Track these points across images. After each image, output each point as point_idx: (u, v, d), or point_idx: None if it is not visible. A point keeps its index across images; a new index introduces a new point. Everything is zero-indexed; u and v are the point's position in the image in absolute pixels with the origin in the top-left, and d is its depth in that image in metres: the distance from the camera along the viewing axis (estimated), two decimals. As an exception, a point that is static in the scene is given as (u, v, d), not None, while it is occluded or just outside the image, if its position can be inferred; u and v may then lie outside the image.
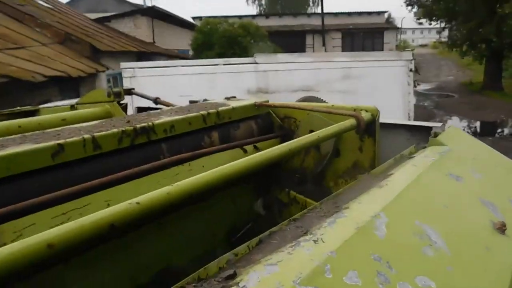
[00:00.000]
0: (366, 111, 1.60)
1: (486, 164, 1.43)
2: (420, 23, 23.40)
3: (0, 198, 1.00)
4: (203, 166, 1.54)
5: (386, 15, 27.92)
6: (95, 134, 1.24)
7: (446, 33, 21.96)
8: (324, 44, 23.57)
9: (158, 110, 1.75)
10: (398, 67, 7.34)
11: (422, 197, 1.00)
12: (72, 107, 3.06)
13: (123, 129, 1.29)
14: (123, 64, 7.65)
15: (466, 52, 19.09)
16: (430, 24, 20.84)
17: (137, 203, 0.76)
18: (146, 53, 15.48)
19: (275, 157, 1.11)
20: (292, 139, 1.76)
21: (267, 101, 1.92)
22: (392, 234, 0.81)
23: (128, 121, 1.41)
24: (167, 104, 2.84)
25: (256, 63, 7.50)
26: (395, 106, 7.25)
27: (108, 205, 1.20)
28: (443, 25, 20.22)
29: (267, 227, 0.88)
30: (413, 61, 7.38)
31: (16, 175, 1.06)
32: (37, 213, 1.00)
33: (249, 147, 1.77)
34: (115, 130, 1.27)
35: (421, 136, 2.02)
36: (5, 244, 0.93)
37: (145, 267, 1.36)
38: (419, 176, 1.08)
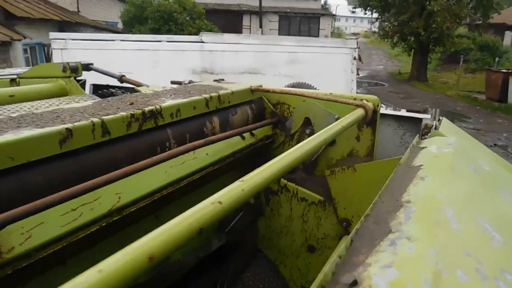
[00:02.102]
0: (367, 101, 1.62)
1: (486, 156, 1.49)
2: (354, 12, 24.36)
3: (2, 193, 0.91)
4: (206, 154, 1.51)
5: (322, 1, 28.60)
6: (104, 118, 1.14)
7: (378, 23, 23.14)
8: (261, 26, 23.59)
9: (151, 90, 1.65)
10: (343, 54, 7.56)
11: (463, 189, 1.03)
12: (13, 81, 2.80)
13: (132, 112, 1.20)
14: (53, 34, 7.05)
15: (397, 43, 20.29)
16: (365, 13, 21.81)
17: (219, 202, 0.72)
18: (70, 23, 14.40)
19: (300, 159, 1.06)
20: (285, 125, 1.83)
21: (261, 86, 1.89)
22: (464, 228, 0.82)
23: (132, 103, 1.32)
24: (135, 83, 2.70)
25: (203, 42, 7.27)
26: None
27: (120, 198, 1.14)
28: (376, 15, 21.15)
29: (256, 215, 0.80)
30: (357, 50, 7.68)
31: (19, 166, 0.95)
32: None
33: (246, 134, 1.74)
34: (123, 113, 1.18)
35: (408, 126, 2.11)
36: (13, 248, 0.90)
37: None
38: (451, 168, 1.10)
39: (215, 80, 2.02)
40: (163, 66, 6.94)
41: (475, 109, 13.87)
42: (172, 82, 2.28)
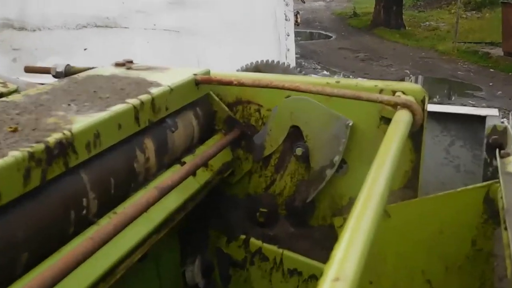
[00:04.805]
0: (403, 92, 1.38)
1: None
2: None
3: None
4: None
5: None
6: None
7: None
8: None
9: (25, 94, 1.41)
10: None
11: None
12: None
13: (29, 150, 1.02)
14: None
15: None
16: None
17: None
18: None
19: None
20: (252, 142, 1.69)
21: (208, 72, 1.62)
22: None
23: (15, 129, 1.11)
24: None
25: None
26: (263, 58, 4.95)
27: None
28: None
29: None
30: None
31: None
32: None
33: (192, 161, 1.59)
34: (14, 156, 1.00)
35: (458, 129, 1.90)
36: None
37: None
38: None
39: (118, 65, 1.69)
40: None
41: (487, 74, 9.82)
42: (27, 70, 1.76)
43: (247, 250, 1.76)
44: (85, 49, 4.57)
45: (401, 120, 1.23)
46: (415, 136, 1.43)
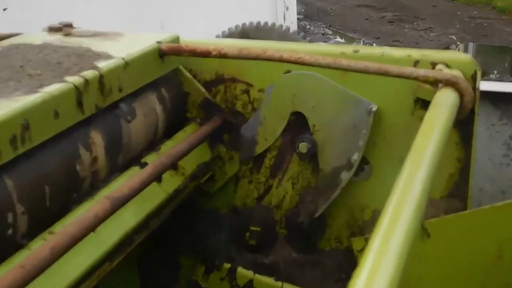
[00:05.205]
0: (447, 65, 1.44)
1: None
2: None
3: None
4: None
5: None
6: None
7: None
8: None
9: None
10: None
11: None
12: None
13: None
14: None
15: None
16: None
17: None
18: None
19: None
20: (239, 135, 1.74)
21: (177, 40, 1.67)
22: None
23: None
24: None
25: None
26: (252, 19, 5.23)
27: None
28: None
29: None
30: None
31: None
32: None
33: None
34: None
35: None
36: None
37: None
38: None
39: (52, 30, 1.73)
40: None
41: None
42: None
43: (234, 284, 1.79)
44: (4, 9, 4.62)
45: (444, 104, 1.24)
46: (463, 125, 1.46)
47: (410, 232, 0.85)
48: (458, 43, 10.40)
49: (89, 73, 1.39)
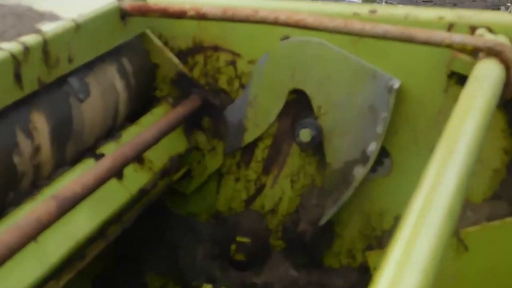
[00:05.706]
0: (490, 30, 1.48)
1: None
2: None
3: None
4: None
5: None
6: None
7: None
8: None
9: None
10: None
11: None
12: None
13: None
14: None
15: None
16: None
17: None
18: None
19: None
20: (223, 119, 1.79)
21: None
22: None
23: None
24: None
25: None
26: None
27: None
28: None
29: None
30: None
31: None
32: None
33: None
34: None
35: None
36: None
37: None
38: None
39: None
40: None
41: None
42: None
43: None
44: None
45: (486, 79, 1.26)
46: (511, 106, 1.48)
47: (440, 243, 0.86)
48: (509, 4, 10.65)
49: (30, 39, 1.40)
